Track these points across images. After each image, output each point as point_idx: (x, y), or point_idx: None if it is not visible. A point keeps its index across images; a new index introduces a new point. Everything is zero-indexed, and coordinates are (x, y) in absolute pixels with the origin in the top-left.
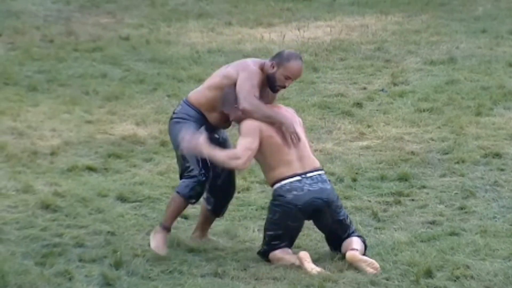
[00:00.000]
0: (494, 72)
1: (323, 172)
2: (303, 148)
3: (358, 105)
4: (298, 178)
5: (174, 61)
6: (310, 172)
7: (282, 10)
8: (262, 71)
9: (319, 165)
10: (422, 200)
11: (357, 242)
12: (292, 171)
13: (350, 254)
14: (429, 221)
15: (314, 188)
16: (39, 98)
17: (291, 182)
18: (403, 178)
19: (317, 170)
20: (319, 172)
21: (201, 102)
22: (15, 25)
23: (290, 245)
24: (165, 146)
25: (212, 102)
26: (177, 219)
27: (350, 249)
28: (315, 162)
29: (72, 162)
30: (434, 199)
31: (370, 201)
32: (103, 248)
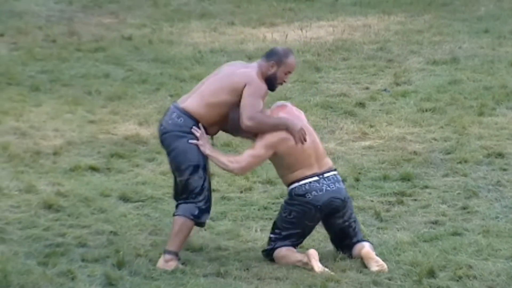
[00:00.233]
0: (496, 72)
1: (337, 172)
2: (319, 148)
3: (361, 105)
4: (317, 178)
5: (177, 61)
6: (326, 172)
7: (284, 10)
8: (262, 75)
9: (333, 165)
10: (425, 200)
11: (371, 247)
12: (310, 171)
13: (367, 250)
14: (431, 221)
15: (332, 188)
16: (42, 98)
17: (310, 182)
18: (406, 178)
19: (332, 170)
20: (335, 172)
21: (203, 116)
22: (18, 25)
23: (298, 244)
24: None
25: (217, 119)
26: None
27: (367, 247)
28: (330, 162)
29: (74, 162)
30: (437, 199)
31: (372, 201)
32: (106, 248)
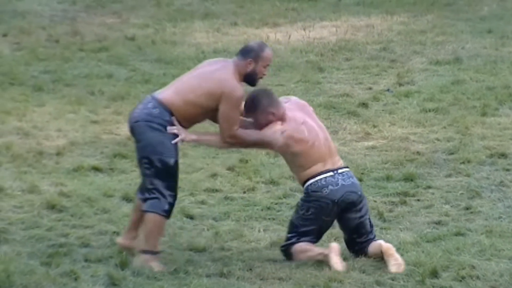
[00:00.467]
0: (499, 72)
1: (349, 169)
2: (331, 144)
3: (364, 105)
4: (331, 174)
5: (180, 61)
6: (340, 168)
7: (287, 10)
8: (239, 75)
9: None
10: (428, 200)
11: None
12: (325, 167)
13: (388, 246)
14: (434, 221)
15: (347, 182)
16: (45, 98)
17: (326, 178)
18: (409, 178)
19: (345, 167)
20: (348, 168)
21: (181, 113)
22: (21, 25)
23: (316, 242)
24: None
25: (193, 117)
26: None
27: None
28: (341, 159)
29: (77, 162)
30: (440, 199)
31: (375, 201)
32: (109, 248)
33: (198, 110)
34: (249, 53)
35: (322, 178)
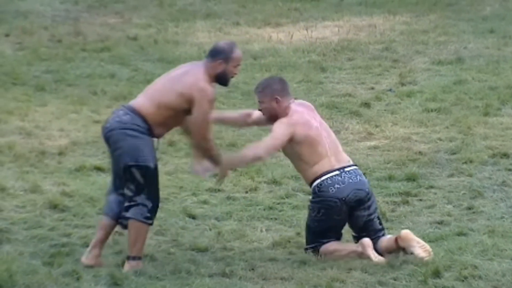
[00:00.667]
0: (502, 72)
1: (358, 167)
2: (336, 142)
3: (366, 105)
4: (337, 172)
5: (182, 61)
6: (347, 167)
7: (290, 10)
8: (209, 76)
9: (352, 161)
10: (430, 200)
11: None
12: (330, 166)
13: (406, 232)
14: (437, 221)
15: (354, 180)
16: (47, 98)
17: (332, 177)
18: (411, 178)
19: (352, 165)
20: (355, 166)
21: (153, 117)
22: (23, 25)
23: (338, 239)
24: (173, 146)
25: (166, 120)
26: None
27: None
28: (348, 157)
29: (80, 162)
30: (442, 199)
31: (378, 201)
32: (111, 248)
33: (170, 112)
34: (219, 54)
35: (328, 178)
